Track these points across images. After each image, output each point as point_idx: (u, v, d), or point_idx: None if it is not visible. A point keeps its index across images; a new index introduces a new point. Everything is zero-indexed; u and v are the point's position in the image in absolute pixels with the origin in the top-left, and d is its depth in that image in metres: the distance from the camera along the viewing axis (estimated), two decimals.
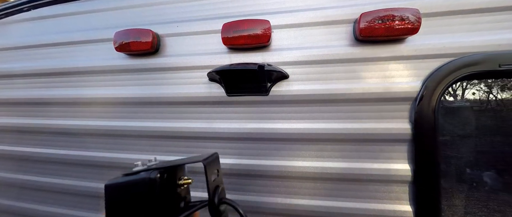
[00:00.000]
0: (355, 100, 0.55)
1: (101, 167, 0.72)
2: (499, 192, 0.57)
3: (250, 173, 0.62)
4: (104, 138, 0.71)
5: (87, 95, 0.72)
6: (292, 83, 0.59)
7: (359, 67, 0.56)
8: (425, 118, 0.51)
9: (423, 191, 0.53)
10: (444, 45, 0.52)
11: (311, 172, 0.58)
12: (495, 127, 0.56)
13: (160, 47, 0.66)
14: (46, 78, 0.76)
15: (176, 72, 0.65)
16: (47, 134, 0.76)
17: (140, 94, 0.67)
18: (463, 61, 0.50)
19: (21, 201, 0.81)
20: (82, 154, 0.73)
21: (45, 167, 0.78)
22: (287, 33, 0.59)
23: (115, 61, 0.69)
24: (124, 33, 0.64)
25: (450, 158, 0.56)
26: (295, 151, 0.59)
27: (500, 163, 0.57)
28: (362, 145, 0.56)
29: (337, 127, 0.56)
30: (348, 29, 0.56)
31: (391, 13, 0.50)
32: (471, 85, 0.57)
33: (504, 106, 0.56)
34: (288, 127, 0.59)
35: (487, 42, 0.50)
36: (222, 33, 0.58)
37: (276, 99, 0.59)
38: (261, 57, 0.60)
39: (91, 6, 0.73)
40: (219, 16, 0.63)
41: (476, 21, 0.51)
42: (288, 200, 0.60)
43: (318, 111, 0.58)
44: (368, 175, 0.56)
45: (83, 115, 0.73)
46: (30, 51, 0.77)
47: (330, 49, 0.57)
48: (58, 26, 0.76)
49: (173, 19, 0.66)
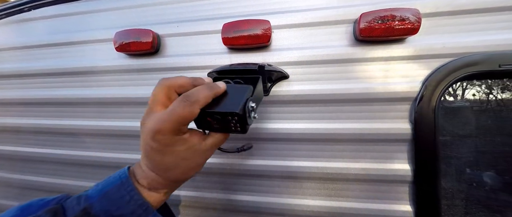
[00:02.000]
0: (355, 100, 0.56)
1: (100, 167, 0.72)
2: (499, 192, 0.57)
3: (249, 173, 0.62)
4: (104, 138, 0.72)
5: (87, 95, 0.72)
6: (292, 83, 0.59)
7: (359, 67, 0.56)
8: (425, 118, 0.51)
9: (423, 191, 0.53)
10: (444, 45, 0.52)
11: (311, 172, 0.58)
12: (495, 127, 0.56)
13: (161, 47, 0.66)
14: (46, 78, 0.76)
15: (177, 72, 0.65)
16: (47, 134, 0.77)
17: (141, 94, 0.67)
18: (463, 61, 0.50)
19: (21, 201, 0.81)
20: (82, 154, 0.73)
21: (45, 167, 0.78)
22: (288, 33, 0.59)
23: (115, 61, 0.69)
24: (125, 33, 0.64)
25: (450, 158, 0.56)
26: (295, 151, 0.60)
27: (500, 163, 0.57)
28: (362, 145, 0.56)
29: (337, 127, 0.56)
30: (348, 29, 0.56)
31: (391, 13, 0.50)
32: (471, 85, 0.57)
33: (504, 106, 0.56)
34: (288, 127, 0.59)
35: (487, 42, 0.50)
36: (222, 33, 0.58)
37: (276, 99, 0.59)
38: (261, 57, 0.60)
39: (91, 6, 0.73)
40: (219, 16, 0.63)
41: (476, 21, 0.51)
42: (288, 200, 0.61)
43: (318, 111, 0.58)
44: (368, 175, 0.56)
45: (83, 115, 0.73)
46: (30, 51, 0.77)
47: (330, 49, 0.57)
48: (57, 26, 0.76)
49: (173, 19, 0.66)
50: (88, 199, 0.32)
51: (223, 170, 0.63)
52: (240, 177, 0.63)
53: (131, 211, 0.32)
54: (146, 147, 0.34)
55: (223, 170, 0.63)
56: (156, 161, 0.34)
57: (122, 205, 0.32)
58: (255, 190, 0.63)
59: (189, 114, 0.32)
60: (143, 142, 0.34)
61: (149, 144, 0.33)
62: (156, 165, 0.35)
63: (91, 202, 0.32)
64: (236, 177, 0.63)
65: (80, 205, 0.31)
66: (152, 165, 0.35)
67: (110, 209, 0.31)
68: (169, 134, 0.32)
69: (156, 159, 0.34)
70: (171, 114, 0.31)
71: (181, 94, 0.34)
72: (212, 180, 0.65)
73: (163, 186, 0.36)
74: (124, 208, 0.32)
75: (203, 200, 0.66)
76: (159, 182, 0.35)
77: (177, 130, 0.33)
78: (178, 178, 0.37)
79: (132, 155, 0.69)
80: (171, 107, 0.32)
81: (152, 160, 0.34)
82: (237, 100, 0.37)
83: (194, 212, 0.67)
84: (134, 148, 0.69)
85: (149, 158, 0.35)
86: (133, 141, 0.69)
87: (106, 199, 0.32)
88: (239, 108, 0.35)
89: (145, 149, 0.34)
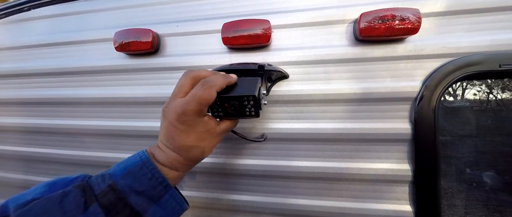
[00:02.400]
0: (355, 100, 0.56)
1: (100, 167, 0.72)
2: (499, 192, 0.57)
3: (249, 173, 0.62)
4: (104, 138, 0.72)
5: (87, 95, 0.72)
6: (292, 83, 0.59)
7: (359, 67, 0.56)
8: (425, 118, 0.51)
9: (423, 191, 0.53)
10: (444, 45, 0.52)
11: (311, 172, 0.58)
12: (495, 127, 0.56)
13: (160, 47, 0.66)
14: (45, 78, 0.76)
15: (177, 72, 0.65)
16: (46, 133, 0.77)
17: (141, 94, 0.67)
18: (463, 61, 0.50)
19: None
20: (81, 154, 0.73)
21: (45, 167, 0.78)
22: (287, 33, 0.59)
23: (115, 61, 0.69)
24: (124, 33, 0.64)
25: (450, 158, 0.56)
26: (295, 151, 0.59)
27: (500, 163, 0.57)
28: (362, 145, 0.56)
29: (337, 127, 0.56)
30: (348, 29, 0.56)
31: (391, 13, 0.50)
32: (471, 85, 0.57)
33: (505, 106, 0.56)
34: (288, 127, 0.59)
35: (488, 42, 0.50)
36: (222, 33, 0.58)
37: (276, 99, 0.59)
38: (261, 57, 0.60)
39: (90, 6, 0.73)
40: (219, 16, 0.63)
41: (476, 21, 0.51)
42: (288, 200, 0.61)
43: (318, 111, 0.58)
44: (368, 175, 0.56)
45: (83, 115, 0.73)
46: (29, 51, 0.77)
47: (330, 49, 0.57)
48: (57, 25, 0.76)
49: (173, 19, 0.66)
50: (112, 177, 0.36)
51: (224, 170, 0.63)
52: (240, 177, 0.63)
53: (152, 187, 0.36)
54: (171, 128, 0.39)
55: (223, 170, 0.63)
56: (180, 141, 0.39)
57: (145, 182, 0.36)
58: (255, 190, 0.63)
59: (208, 95, 0.37)
60: (168, 124, 0.39)
61: (175, 126, 0.38)
62: (180, 145, 0.39)
63: (115, 180, 0.35)
64: (236, 177, 0.63)
65: (105, 182, 0.35)
66: (175, 146, 0.39)
67: (133, 185, 0.35)
68: (192, 115, 0.37)
69: (181, 139, 0.39)
70: (193, 97, 0.37)
71: None
72: (213, 179, 0.65)
73: (182, 165, 0.40)
74: (146, 185, 0.36)
75: (204, 199, 0.66)
76: (179, 162, 0.40)
77: (199, 112, 0.38)
78: (197, 157, 0.42)
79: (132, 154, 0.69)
80: (192, 91, 0.38)
81: (176, 140, 0.39)
82: (251, 87, 0.43)
83: (194, 212, 0.67)
84: (133, 148, 0.69)
85: (174, 139, 0.39)
86: (133, 140, 0.69)
87: (129, 176, 0.36)
88: (256, 92, 0.41)
89: (170, 131, 0.39)
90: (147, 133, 0.67)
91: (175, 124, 0.38)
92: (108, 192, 0.34)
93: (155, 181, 0.37)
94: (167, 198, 0.38)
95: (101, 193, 0.33)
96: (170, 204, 0.38)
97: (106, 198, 0.33)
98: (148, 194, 0.36)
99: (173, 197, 0.39)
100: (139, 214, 0.34)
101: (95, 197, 0.33)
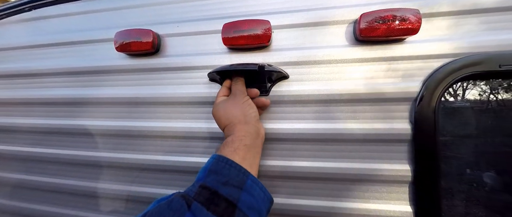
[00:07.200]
0: (355, 100, 0.56)
1: (100, 167, 0.72)
2: (499, 193, 0.57)
3: None
4: (104, 138, 0.72)
5: (86, 95, 0.72)
6: (292, 83, 0.59)
7: (359, 67, 0.56)
8: (425, 119, 0.51)
9: (423, 191, 0.53)
10: (444, 45, 0.52)
11: (311, 172, 0.58)
12: (495, 128, 0.56)
13: (161, 47, 0.67)
14: (45, 78, 0.76)
15: (177, 72, 0.65)
16: (46, 133, 0.77)
17: (141, 94, 0.67)
18: (463, 62, 0.50)
19: (21, 201, 0.81)
20: (83, 154, 0.73)
21: (45, 167, 0.78)
22: (288, 33, 0.59)
23: (116, 61, 0.69)
24: (125, 33, 0.65)
25: (450, 158, 0.56)
26: (295, 151, 0.60)
27: (500, 163, 0.57)
28: (362, 145, 0.56)
29: (337, 127, 0.56)
30: (349, 29, 0.56)
31: (392, 13, 0.50)
32: (471, 85, 0.57)
33: (505, 106, 0.56)
34: (288, 127, 0.59)
35: (488, 42, 0.50)
36: (223, 33, 0.58)
37: (276, 99, 0.59)
38: (261, 57, 0.60)
39: (91, 6, 0.73)
40: (219, 16, 0.63)
41: (476, 21, 0.51)
42: (288, 200, 0.61)
43: (318, 111, 0.58)
44: (368, 175, 0.56)
45: (83, 115, 0.73)
46: (30, 51, 0.77)
47: (330, 49, 0.57)
48: (57, 26, 0.76)
49: (174, 19, 0.66)
50: (199, 181, 0.41)
51: None
52: None
53: (234, 175, 0.41)
54: (249, 118, 0.52)
55: None
56: (256, 132, 0.51)
57: (225, 172, 0.41)
58: None
59: None
60: (249, 119, 0.51)
61: (253, 115, 0.53)
62: (256, 135, 0.51)
63: (203, 181, 0.40)
64: None
65: (195, 187, 0.39)
66: (251, 136, 0.49)
67: (218, 178, 0.40)
68: None
69: (256, 128, 0.51)
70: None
71: None
72: None
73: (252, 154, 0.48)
74: (227, 174, 0.40)
75: None
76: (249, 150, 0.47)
77: None
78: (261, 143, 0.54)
79: (133, 155, 0.69)
80: None
81: (256, 129, 0.51)
82: None
83: None
84: (133, 148, 0.69)
85: (254, 128, 0.51)
86: (133, 141, 0.69)
87: (212, 173, 0.41)
88: None
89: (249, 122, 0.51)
90: (147, 133, 0.67)
91: (255, 113, 0.55)
92: (201, 191, 0.38)
93: (234, 170, 0.41)
94: (250, 184, 0.41)
95: (196, 194, 0.38)
96: (255, 190, 0.41)
97: (202, 196, 0.37)
98: (232, 182, 0.39)
99: (255, 183, 0.42)
100: (233, 203, 0.38)
101: (193, 198, 0.37)
